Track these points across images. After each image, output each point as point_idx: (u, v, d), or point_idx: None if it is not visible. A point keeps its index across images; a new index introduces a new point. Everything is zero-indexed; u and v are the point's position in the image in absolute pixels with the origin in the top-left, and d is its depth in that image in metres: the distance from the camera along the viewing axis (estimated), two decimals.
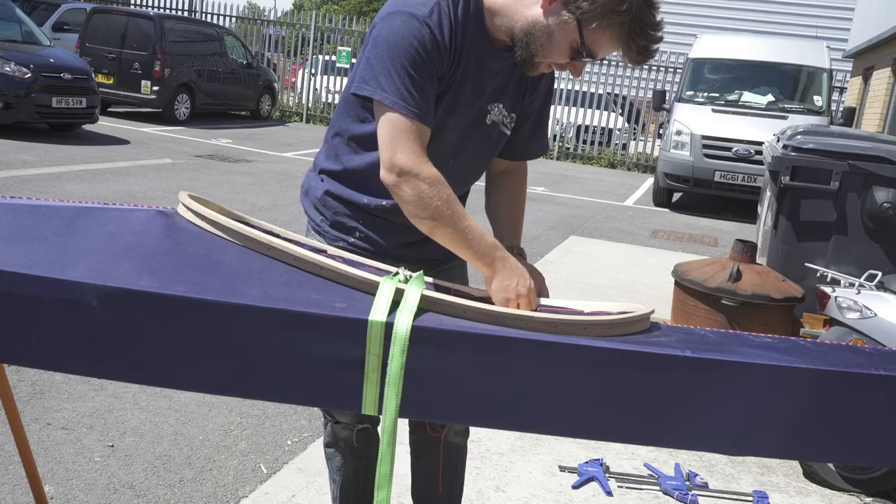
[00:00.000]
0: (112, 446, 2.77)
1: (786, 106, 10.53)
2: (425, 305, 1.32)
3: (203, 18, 16.99)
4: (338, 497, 2.11)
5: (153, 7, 17.65)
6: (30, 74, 9.07)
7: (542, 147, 1.94)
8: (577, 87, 15.40)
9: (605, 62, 15.23)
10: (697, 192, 10.18)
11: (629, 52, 1.56)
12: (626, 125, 15.47)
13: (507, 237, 1.85)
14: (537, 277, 1.71)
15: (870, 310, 3.03)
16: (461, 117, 1.70)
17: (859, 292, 3.17)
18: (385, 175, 1.56)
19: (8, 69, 8.96)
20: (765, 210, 4.92)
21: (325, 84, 16.60)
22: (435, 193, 1.54)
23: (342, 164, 1.77)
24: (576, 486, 2.84)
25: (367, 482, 2.08)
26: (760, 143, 8.35)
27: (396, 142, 1.54)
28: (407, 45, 1.53)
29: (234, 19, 17.53)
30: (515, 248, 1.82)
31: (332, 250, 1.65)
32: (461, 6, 1.60)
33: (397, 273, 1.40)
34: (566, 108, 15.30)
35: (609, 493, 2.82)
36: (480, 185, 1.96)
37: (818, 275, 3.74)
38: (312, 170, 1.88)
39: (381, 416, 1.29)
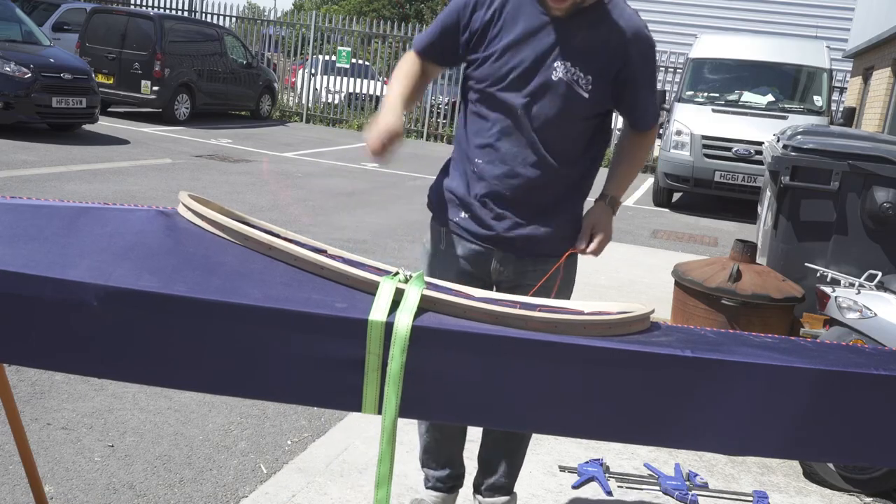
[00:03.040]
0: (112, 446, 2.77)
1: (786, 106, 10.52)
2: (425, 305, 1.32)
3: (203, 18, 16.98)
4: (422, 458, 2.42)
5: (153, 7, 17.65)
6: (30, 74, 9.07)
7: (651, 117, 2.12)
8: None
9: None
10: (697, 192, 10.18)
11: None
12: None
13: (606, 184, 2.18)
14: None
15: (870, 310, 3.03)
16: (522, 70, 1.94)
17: (859, 292, 3.17)
18: None
19: (8, 69, 8.96)
20: (765, 210, 4.92)
21: (325, 84, 16.58)
22: (398, 69, 2.10)
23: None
24: (576, 486, 2.84)
25: (448, 449, 2.38)
26: (760, 143, 8.34)
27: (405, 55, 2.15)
28: (447, 7, 2.06)
29: (234, 19, 17.52)
30: (609, 197, 2.14)
31: (332, 250, 1.65)
32: None
33: (397, 273, 1.40)
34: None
35: (609, 493, 2.82)
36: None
37: (818, 275, 3.74)
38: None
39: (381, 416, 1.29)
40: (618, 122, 2.80)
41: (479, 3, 1.98)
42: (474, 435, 2.51)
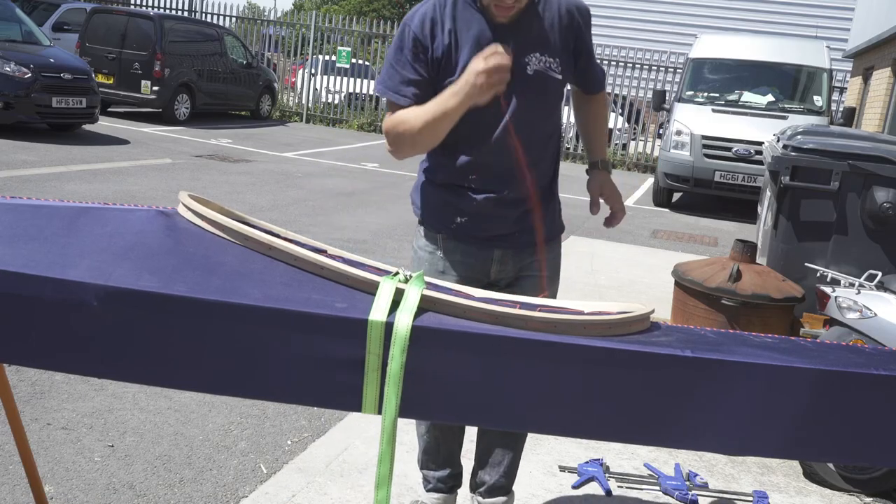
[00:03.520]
0: (112, 446, 2.77)
1: (786, 106, 10.52)
2: (425, 305, 1.31)
3: (203, 18, 16.98)
4: (420, 459, 2.43)
5: (153, 7, 17.65)
6: (30, 74, 9.07)
7: (603, 77, 2.23)
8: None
9: (604, 62, 15.24)
10: (697, 192, 10.18)
11: None
12: (626, 125, 15.47)
13: (590, 153, 2.27)
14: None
15: (870, 310, 3.03)
16: None
17: (859, 292, 3.17)
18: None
19: (8, 69, 8.96)
20: (765, 210, 4.92)
21: (325, 84, 16.59)
22: (398, 130, 1.95)
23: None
24: (576, 486, 2.84)
25: (448, 448, 2.39)
26: (760, 143, 8.35)
27: (386, 118, 2.01)
28: (393, 46, 2.01)
29: (234, 19, 17.52)
30: (600, 161, 2.24)
31: (332, 250, 1.65)
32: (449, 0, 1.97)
33: (397, 273, 1.40)
34: (566, 108, 15.29)
35: (609, 493, 2.82)
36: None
37: (818, 275, 3.74)
38: (420, 165, 2.22)
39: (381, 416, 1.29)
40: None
41: (433, 31, 1.95)
42: (473, 435, 2.50)
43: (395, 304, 1.30)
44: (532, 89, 1.99)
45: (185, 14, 17.29)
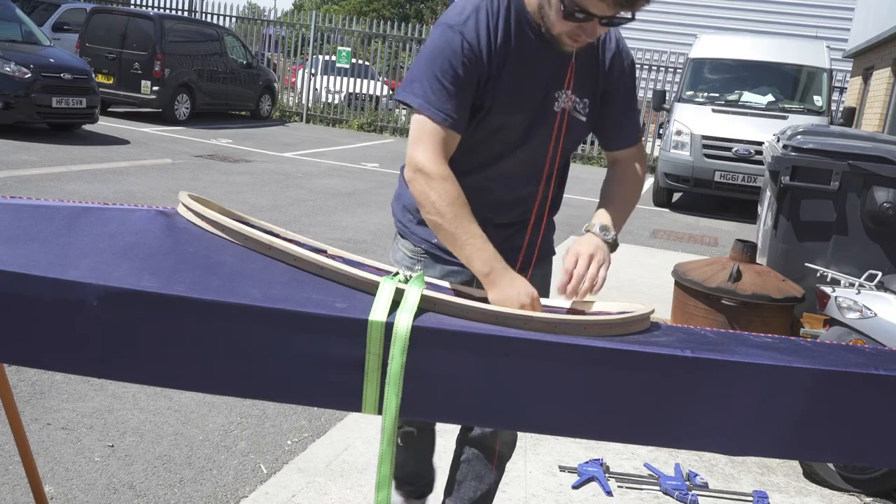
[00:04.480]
0: (112, 446, 2.77)
1: (786, 106, 10.52)
2: (425, 305, 1.31)
3: (203, 18, 16.98)
4: (399, 476, 2.35)
5: (153, 7, 17.65)
6: (30, 74, 9.07)
7: (632, 134, 1.93)
8: None
9: None
10: (697, 192, 10.18)
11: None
12: None
13: (594, 216, 1.90)
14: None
15: (870, 310, 3.03)
16: (525, 110, 1.76)
17: (859, 292, 3.17)
18: (406, 171, 1.71)
19: (8, 69, 8.96)
20: (765, 210, 4.92)
21: (324, 84, 16.60)
22: (441, 194, 1.63)
23: None
24: (576, 486, 2.84)
25: (423, 469, 2.35)
26: (760, 143, 8.35)
27: (418, 140, 1.67)
28: (439, 53, 1.66)
29: (234, 19, 17.52)
30: (596, 223, 1.87)
31: (332, 250, 1.65)
32: (503, 7, 1.70)
33: (397, 273, 1.40)
34: None
35: (609, 493, 2.82)
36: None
37: (818, 275, 3.74)
38: (402, 173, 1.96)
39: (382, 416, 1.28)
40: None
41: (489, 44, 1.68)
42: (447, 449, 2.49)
43: (395, 304, 1.30)
44: (550, 125, 1.81)
45: (185, 14, 17.29)
